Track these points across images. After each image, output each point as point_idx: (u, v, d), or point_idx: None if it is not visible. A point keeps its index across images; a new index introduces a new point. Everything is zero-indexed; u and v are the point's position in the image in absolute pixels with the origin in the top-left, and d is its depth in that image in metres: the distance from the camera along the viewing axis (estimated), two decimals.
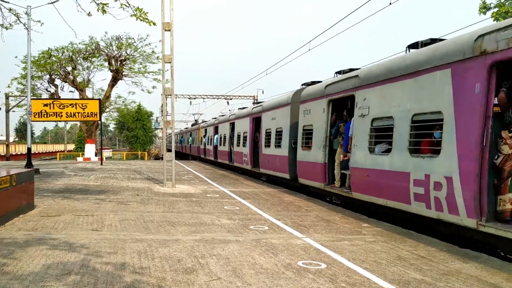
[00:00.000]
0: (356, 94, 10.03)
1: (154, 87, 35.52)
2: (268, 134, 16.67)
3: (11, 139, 58.15)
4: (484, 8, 19.47)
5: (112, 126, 73.54)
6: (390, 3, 12.19)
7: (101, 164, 26.89)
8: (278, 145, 15.49)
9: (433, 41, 8.38)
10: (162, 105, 30.58)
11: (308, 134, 12.88)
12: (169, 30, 14.44)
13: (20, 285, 4.56)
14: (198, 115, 56.55)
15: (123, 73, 34.20)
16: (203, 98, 48.26)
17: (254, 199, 11.98)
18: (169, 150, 16.60)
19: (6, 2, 10.66)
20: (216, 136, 28.09)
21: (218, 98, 48.07)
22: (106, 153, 44.91)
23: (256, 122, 18.60)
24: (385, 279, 5.08)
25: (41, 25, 11.51)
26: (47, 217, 8.58)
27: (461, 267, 5.68)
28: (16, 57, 51.71)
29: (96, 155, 34.05)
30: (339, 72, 11.82)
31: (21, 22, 11.25)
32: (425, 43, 8.50)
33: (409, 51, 8.99)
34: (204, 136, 32.87)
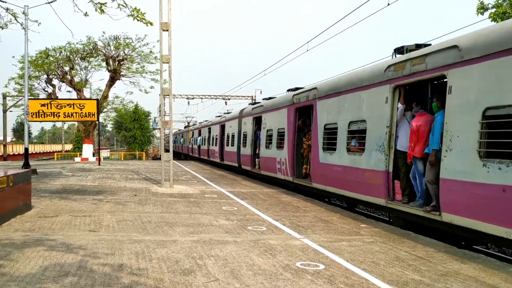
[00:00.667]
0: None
1: (152, 87, 35.50)
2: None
3: (9, 139, 58.03)
4: (482, 8, 19.50)
5: (110, 126, 73.37)
6: (389, 4, 12.19)
7: (99, 165, 26.83)
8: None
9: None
10: (160, 105, 30.72)
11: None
12: (167, 30, 14.42)
13: (17, 287, 4.53)
14: (190, 118, 57.93)
15: (121, 73, 34.16)
16: (201, 98, 48.22)
17: (252, 200, 11.97)
18: (167, 150, 16.60)
19: (3, 1, 10.62)
20: (201, 137, 32.98)
21: (216, 98, 48.04)
22: (104, 153, 44.83)
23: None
24: (384, 280, 5.07)
25: (39, 25, 11.52)
26: (44, 217, 8.55)
27: (460, 267, 5.68)
28: (13, 57, 51.56)
29: (93, 155, 34.00)
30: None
31: (18, 22, 11.21)
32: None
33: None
34: (193, 136, 38.22)
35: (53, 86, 34.96)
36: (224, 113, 28.51)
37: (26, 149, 20.72)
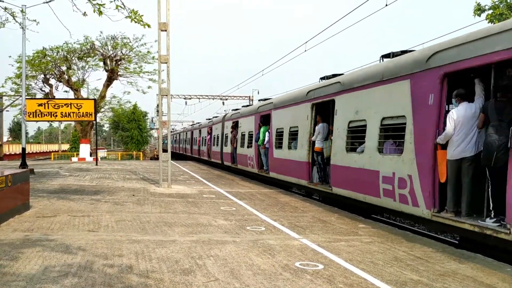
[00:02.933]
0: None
1: (149, 87, 35.58)
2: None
3: (5, 139, 57.82)
4: (479, 10, 19.60)
5: (106, 126, 73.31)
6: (386, 5, 12.23)
7: (96, 164, 26.79)
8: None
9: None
10: (157, 105, 30.69)
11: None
12: (165, 30, 14.42)
13: (17, 287, 4.54)
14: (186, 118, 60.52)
15: (118, 73, 34.12)
16: (199, 98, 48.22)
17: (250, 200, 11.99)
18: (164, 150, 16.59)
19: (1, 1, 10.61)
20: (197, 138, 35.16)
21: (213, 99, 48.06)
22: (101, 153, 44.71)
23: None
24: (382, 280, 5.10)
25: (37, 24, 11.48)
26: (42, 217, 8.54)
27: (457, 267, 5.72)
28: (10, 56, 51.55)
29: (91, 155, 33.93)
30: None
31: (16, 22, 11.19)
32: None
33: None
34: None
35: (50, 85, 34.89)
36: (213, 116, 31.37)
37: (24, 149, 20.70)
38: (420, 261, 5.98)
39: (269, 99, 17.90)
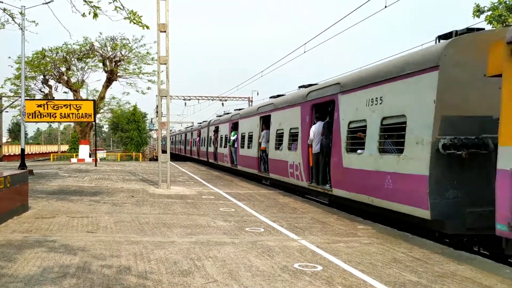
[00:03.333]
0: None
1: (148, 88, 35.48)
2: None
3: (4, 140, 57.77)
4: (478, 11, 19.62)
5: (106, 127, 73.27)
6: (386, 6, 12.25)
7: (95, 165, 26.79)
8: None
9: (305, 86, 12.92)
10: (157, 106, 30.69)
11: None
12: (165, 31, 14.42)
13: None
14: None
15: (118, 74, 34.13)
16: (198, 99, 48.25)
17: (249, 201, 11.98)
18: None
19: (0, 2, 10.61)
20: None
21: (213, 100, 48.08)
22: (100, 154, 44.68)
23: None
24: (381, 281, 5.10)
25: (36, 25, 11.48)
26: (41, 218, 8.53)
27: (456, 269, 5.72)
28: (9, 57, 51.40)
29: (90, 156, 33.91)
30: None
31: (15, 23, 11.19)
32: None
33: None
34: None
35: (50, 86, 34.90)
36: (203, 121, 34.33)
37: (23, 150, 20.68)
38: (419, 263, 5.98)
39: (241, 109, 23.24)
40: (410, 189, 7.72)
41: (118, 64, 33.64)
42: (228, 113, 26.39)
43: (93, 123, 30.76)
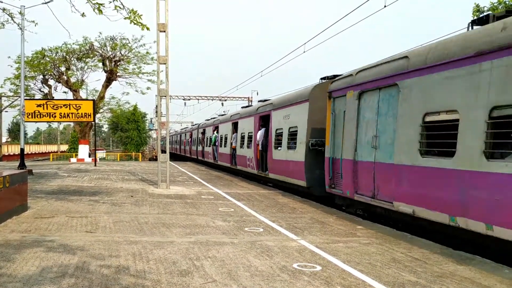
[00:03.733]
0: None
1: (148, 88, 35.49)
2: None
3: (4, 140, 57.75)
4: (478, 11, 19.64)
5: (105, 127, 73.25)
6: (385, 6, 12.25)
7: (95, 165, 26.78)
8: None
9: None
10: (156, 106, 30.83)
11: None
12: (164, 31, 14.41)
13: None
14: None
15: (117, 74, 34.11)
16: (198, 99, 48.22)
17: (249, 201, 11.98)
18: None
19: (0, 1, 10.60)
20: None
21: (212, 99, 48.07)
22: (100, 154, 44.69)
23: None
24: (380, 281, 5.10)
25: (35, 25, 11.47)
26: (40, 218, 8.53)
27: (455, 269, 5.71)
28: (9, 57, 51.45)
29: (89, 156, 33.90)
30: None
31: (15, 22, 11.19)
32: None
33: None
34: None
35: (49, 86, 34.88)
36: (197, 123, 38.48)
37: (22, 150, 20.65)
38: (418, 263, 5.98)
39: (223, 114, 28.74)
40: (298, 169, 13.12)
41: (118, 64, 33.62)
42: (213, 118, 32.12)
43: (93, 123, 30.73)
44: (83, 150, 33.88)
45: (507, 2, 19.21)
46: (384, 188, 8.53)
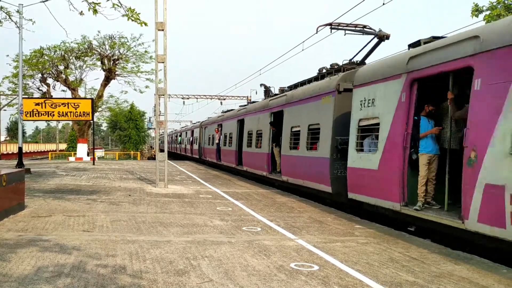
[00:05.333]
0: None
1: (147, 86, 35.39)
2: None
3: (2, 138, 57.69)
4: (477, 11, 19.62)
5: (104, 126, 73.20)
6: (384, 3, 12.22)
7: (93, 164, 26.71)
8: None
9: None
10: (155, 105, 30.98)
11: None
12: (162, 30, 14.37)
13: (9, 287, 4.50)
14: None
15: (116, 73, 34.04)
16: (196, 98, 48.18)
17: (247, 200, 11.96)
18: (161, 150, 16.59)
19: None
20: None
21: (211, 98, 48.02)
22: (99, 152, 44.66)
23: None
24: (378, 281, 5.08)
25: (33, 23, 11.43)
26: (37, 217, 8.49)
27: (453, 269, 5.70)
28: (7, 55, 51.35)
29: (88, 155, 33.84)
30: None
31: (12, 21, 11.14)
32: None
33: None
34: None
35: (48, 85, 34.82)
36: (186, 125, 46.66)
37: (20, 148, 20.60)
38: (416, 262, 5.96)
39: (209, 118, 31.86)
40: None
41: (117, 62, 33.55)
42: (193, 124, 37.21)
43: (91, 121, 30.67)
44: (82, 149, 33.81)
45: (506, 2, 19.20)
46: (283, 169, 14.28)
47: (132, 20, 8.52)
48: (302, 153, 12.53)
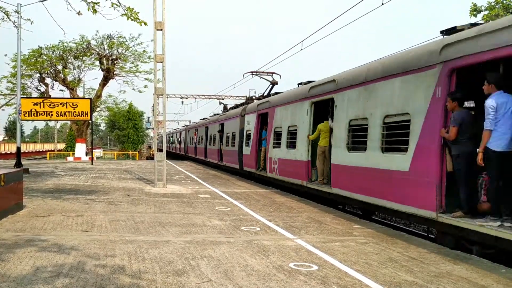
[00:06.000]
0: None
1: (145, 86, 35.38)
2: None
3: (0, 138, 57.54)
4: (475, 10, 19.65)
5: (103, 125, 73.08)
6: (382, 3, 12.23)
7: (92, 164, 26.69)
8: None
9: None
10: (153, 104, 31.15)
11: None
12: (161, 30, 14.36)
13: None
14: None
15: (114, 72, 34.00)
16: (195, 98, 48.16)
17: (246, 200, 11.95)
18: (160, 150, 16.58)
19: None
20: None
21: (210, 98, 48.01)
22: (97, 152, 44.57)
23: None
24: (377, 281, 5.07)
25: (31, 23, 11.37)
26: (36, 217, 8.47)
27: (452, 268, 5.70)
28: (6, 55, 51.16)
29: (86, 155, 33.80)
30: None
31: (10, 21, 11.12)
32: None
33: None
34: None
35: (46, 85, 34.78)
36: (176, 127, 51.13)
37: (18, 148, 20.54)
38: (415, 262, 5.96)
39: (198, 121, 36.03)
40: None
41: (115, 62, 33.52)
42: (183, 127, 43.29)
43: (90, 121, 30.61)
44: (80, 148, 33.77)
45: (504, 1, 19.24)
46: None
47: (132, 20, 8.51)
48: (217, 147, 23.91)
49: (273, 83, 19.66)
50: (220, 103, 29.75)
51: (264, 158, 16.17)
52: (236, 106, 24.47)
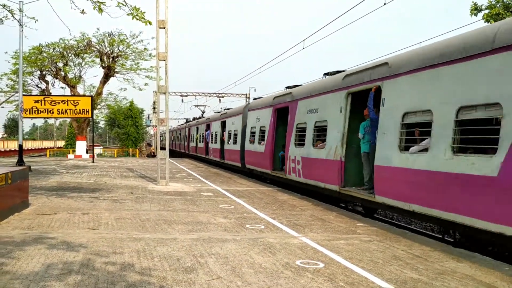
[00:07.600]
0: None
1: (146, 84, 35.35)
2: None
3: (0, 136, 57.51)
4: (476, 9, 19.70)
5: (102, 123, 72.99)
6: (385, 3, 12.29)
7: (93, 161, 26.74)
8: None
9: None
10: (154, 102, 31.07)
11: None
12: (164, 28, 14.40)
13: (21, 285, 4.56)
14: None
15: (115, 70, 34.00)
16: (195, 96, 48.10)
17: (249, 198, 12.03)
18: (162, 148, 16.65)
19: None
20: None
21: (210, 96, 47.95)
22: (97, 150, 44.57)
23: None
24: (383, 278, 5.16)
25: (36, 21, 11.41)
26: (42, 215, 8.54)
27: (456, 266, 5.79)
28: (6, 52, 51.08)
29: (87, 152, 33.82)
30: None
31: (15, 19, 11.15)
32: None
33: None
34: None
35: (47, 82, 34.74)
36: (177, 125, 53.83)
37: (20, 146, 20.56)
38: (419, 260, 6.05)
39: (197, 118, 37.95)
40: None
41: (116, 60, 33.51)
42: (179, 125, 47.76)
43: (90, 119, 30.65)
44: (81, 146, 33.81)
45: (505, 1, 19.28)
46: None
47: (137, 19, 8.56)
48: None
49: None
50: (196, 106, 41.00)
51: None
52: (187, 121, 39.17)
